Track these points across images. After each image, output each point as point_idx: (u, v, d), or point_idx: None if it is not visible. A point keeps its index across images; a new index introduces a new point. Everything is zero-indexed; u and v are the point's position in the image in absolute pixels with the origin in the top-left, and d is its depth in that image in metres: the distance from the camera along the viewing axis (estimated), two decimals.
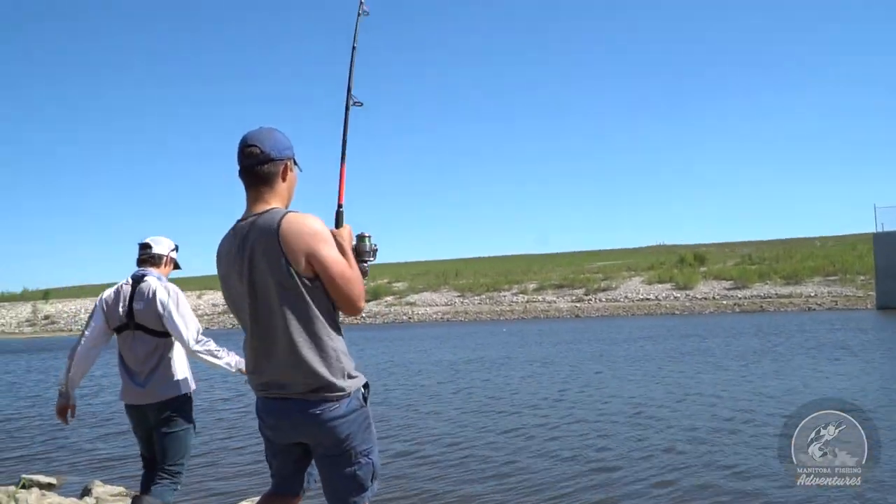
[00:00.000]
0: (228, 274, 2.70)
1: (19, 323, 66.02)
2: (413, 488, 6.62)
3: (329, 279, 2.57)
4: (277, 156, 2.68)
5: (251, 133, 2.69)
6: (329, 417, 2.58)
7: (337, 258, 2.58)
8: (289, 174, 2.75)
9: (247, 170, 2.69)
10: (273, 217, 2.60)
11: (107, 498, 6.37)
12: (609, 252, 76.45)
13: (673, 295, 49.79)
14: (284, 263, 2.53)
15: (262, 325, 2.61)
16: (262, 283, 2.58)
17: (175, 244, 4.71)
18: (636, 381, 13.34)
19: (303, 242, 2.53)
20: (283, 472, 2.84)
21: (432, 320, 48.65)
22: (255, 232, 2.60)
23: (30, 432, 10.38)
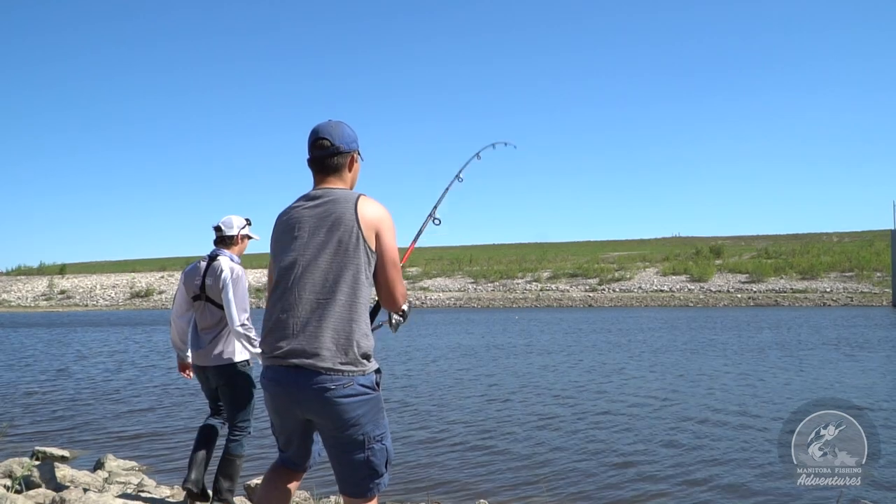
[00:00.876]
0: (287, 235, 2.77)
1: (35, 297, 66.73)
2: (437, 477, 6.62)
3: (384, 262, 2.73)
4: (346, 148, 2.87)
5: (322, 126, 2.88)
6: (341, 395, 2.58)
7: (395, 248, 2.76)
8: (355, 165, 2.94)
9: (317, 160, 2.86)
10: (351, 193, 2.79)
11: (119, 472, 6.48)
12: (624, 242, 76.20)
13: (687, 287, 49.65)
14: (357, 231, 2.66)
15: (307, 288, 2.65)
16: (327, 245, 2.67)
17: (245, 220, 5.02)
18: (658, 374, 13.36)
19: (376, 219, 2.71)
20: (291, 445, 2.86)
21: (445, 306, 48.75)
22: (332, 198, 2.75)
23: (45, 406, 10.56)
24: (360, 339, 2.65)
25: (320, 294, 2.64)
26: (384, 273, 2.74)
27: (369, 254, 2.69)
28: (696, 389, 11.30)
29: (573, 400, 10.55)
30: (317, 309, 2.63)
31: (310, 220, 2.74)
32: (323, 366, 2.57)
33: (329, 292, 2.64)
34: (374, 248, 2.70)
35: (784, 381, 11.90)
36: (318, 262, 2.67)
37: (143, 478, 6.28)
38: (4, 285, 72.26)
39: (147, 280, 68.12)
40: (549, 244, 74.64)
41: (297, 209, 2.81)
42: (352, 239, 2.66)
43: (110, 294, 65.14)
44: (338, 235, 2.67)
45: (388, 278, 2.75)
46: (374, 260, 2.71)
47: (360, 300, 2.68)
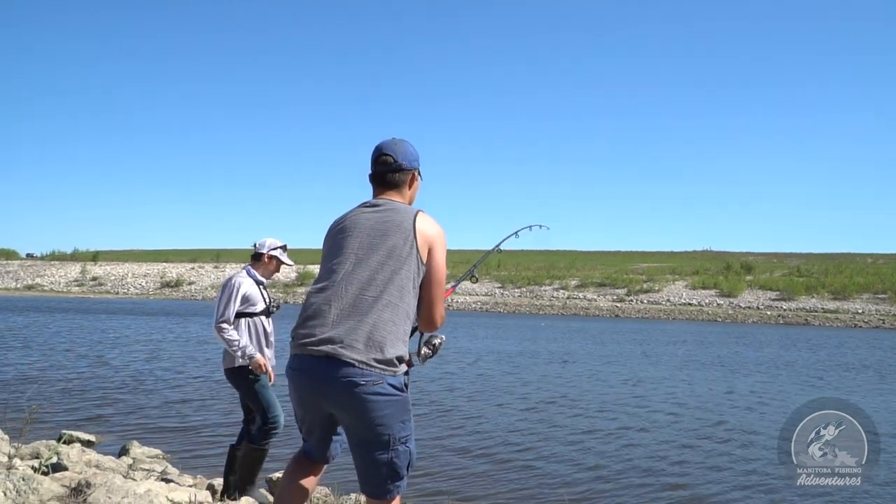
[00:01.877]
0: (342, 234, 2.84)
1: (68, 283, 67.81)
2: (459, 483, 6.60)
3: (431, 279, 2.79)
4: (408, 166, 2.95)
5: (385, 143, 2.96)
6: (369, 391, 2.56)
7: (444, 266, 2.83)
8: (415, 183, 3.03)
9: (379, 175, 2.95)
10: (409, 207, 2.88)
11: (143, 458, 6.55)
12: (654, 254, 75.58)
13: (716, 302, 49.06)
14: (412, 240, 2.72)
15: (354, 283, 2.68)
16: (383, 246, 2.72)
17: (280, 244, 5.12)
18: (702, 390, 13.21)
19: (432, 235, 2.79)
20: (311, 436, 2.86)
21: (471, 310, 48.66)
22: (393, 207, 2.84)
23: (75, 391, 10.71)
24: (398, 342, 2.65)
25: (367, 291, 2.66)
26: (429, 289, 2.80)
27: (420, 265, 2.75)
28: (744, 410, 11.14)
29: (606, 414, 10.35)
30: (361, 304, 2.64)
31: (368, 223, 2.81)
32: (356, 357, 2.56)
33: (376, 291, 2.66)
34: (425, 261, 2.76)
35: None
36: (369, 261, 2.71)
37: (166, 466, 6.35)
38: (38, 270, 73.56)
39: (178, 271, 68.88)
40: (577, 252, 74.27)
41: (356, 214, 2.89)
42: (406, 246, 2.72)
43: (141, 283, 65.99)
44: (394, 240, 2.73)
45: (432, 295, 2.81)
46: (423, 272, 2.77)
47: (404, 306, 2.70)
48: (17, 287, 65.95)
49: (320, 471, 2.97)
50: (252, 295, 4.84)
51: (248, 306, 4.82)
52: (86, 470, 5.09)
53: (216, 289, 61.11)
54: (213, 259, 74.85)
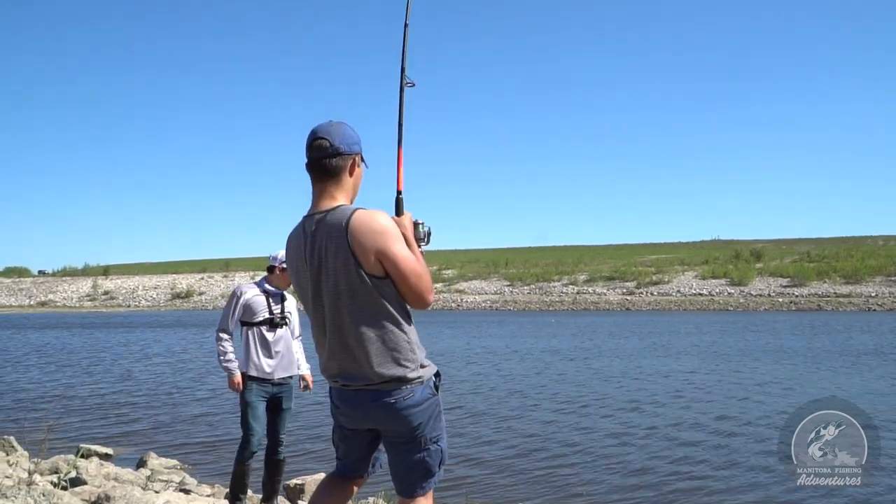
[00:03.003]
0: (299, 269, 2.70)
1: (80, 297, 68.13)
2: (478, 478, 6.65)
3: (400, 276, 2.54)
4: (346, 150, 2.64)
5: (321, 126, 2.67)
6: (403, 406, 2.57)
7: (406, 254, 2.55)
8: (356, 169, 2.71)
9: (315, 162, 2.64)
10: (341, 215, 2.57)
11: (161, 469, 6.60)
12: (662, 245, 75.31)
13: (727, 291, 48.88)
14: (353, 263, 2.51)
15: (333, 321, 2.60)
16: (332, 281, 2.57)
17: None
18: (732, 381, 13.21)
19: (371, 241, 2.50)
20: (351, 455, 2.84)
21: (481, 308, 48.63)
22: (324, 230, 2.59)
23: (91, 405, 10.79)
24: (407, 356, 2.60)
25: (349, 331, 2.58)
26: (405, 285, 2.56)
27: (379, 281, 2.54)
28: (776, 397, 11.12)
29: (629, 414, 10.24)
30: (352, 344, 2.58)
31: (310, 253, 2.63)
32: (383, 387, 2.57)
33: (357, 327, 2.56)
34: (382, 274, 2.54)
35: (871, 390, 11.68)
36: (332, 304, 2.59)
37: (184, 476, 6.39)
38: (51, 286, 73.94)
39: (188, 281, 69.12)
40: (585, 247, 74.13)
41: (297, 244, 2.70)
42: (356, 278, 2.53)
43: (152, 295, 66.25)
44: (341, 277, 2.55)
45: (410, 287, 2.57)
46: (386, 279, 2.55)
47: (391, 322, 2.58)
48: (31, 304, 66.32)
49: (357, 487, 2.95)
50: (254, 305, 4.85)
51: (249, 316, 4.85)
52: (104, 483, 5.14)
53: (226, 298, 61.13)
54: (223, 268, 75.10)
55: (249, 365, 4.83)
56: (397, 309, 2.60)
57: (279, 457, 4.93)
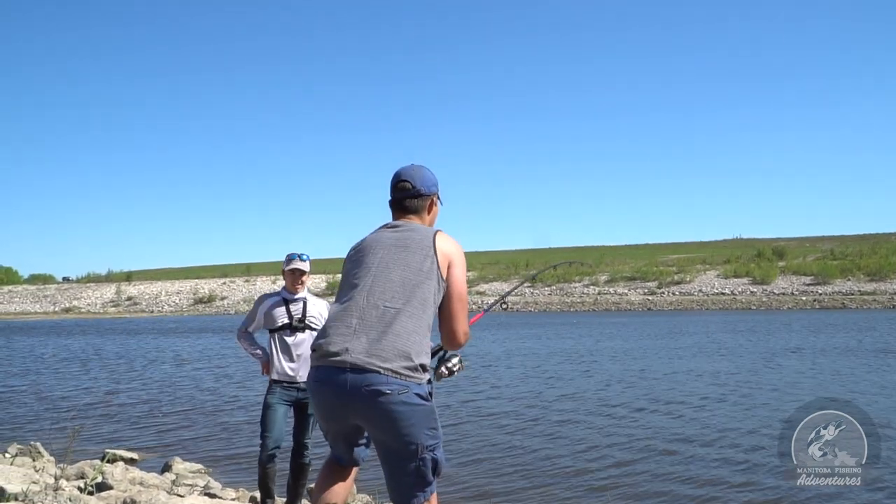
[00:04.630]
0: (363, 252, 2.88)
1: (104, 303, 68.80)
2: (499, 486, 6.57)
3: (452, 293, 2.81)
4: (426, 192, 2.99)
5: (404, 169, 3.01)
6: (395, 401, 2.57)
7: (464, 283, 2.86)
8: (434, 208, 3.07)
9: (398, 201, 2.99)
10: (430, 227, 2.96)
11: (185, 474, 6.63)
12: (683, 245, 74.83)
13: (749, 290, 48.48)
14: (433, 256, 2.76)
15: (377, 295, 2.71)
16: (404, 263, 2.76)
17: (295, 254, 5.14)
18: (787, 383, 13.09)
19: (451, 252, 2.83)
20: (336, 445, 2.90)
21: (501, 310, 48.46)
22: (412, 227, 2.89)
23: (113, 409, 10.88)
24: (421, 352, 2.67)
25: (389, 303, 2.69)
26: (450, 305, 2.81)
27: (440, 281, 2.77)
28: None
29: (661, 422, 10.06)
30: (384, 315, 2.66)
31: (388, 241, 2.86)
32: (381, 365, 2.57)
33: (398, 303, 2.69)
34: (445, 277, 2.78)
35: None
36: (391, 275, 2.75)
37: (209, 480, 6.40)
38: (75, 292, 74.78)
39: (210, 286, 69.60)
40: (606, 247, 73.83)
41: (375, 234, 2.94)
42: (426, 262, 2.76)
43: (175, 300, 66.80)
44: (414, 256, 2.77)
45: (453, 311, 2.81)
46: (443, 288, 2.79)
47: (426, 319, 2.73)
48: (56, 310, 67.08)
49: (351, 474, 3.00)
50: (274, 312, 4.95)
51: (271, 323, 4.96)
52: (130, 488, 5.16)
53: (248, 302, 62.11)
54: (244, 273, 75.61)
55: (273, 369, 4.91)
56: (432, 317, 2.79)
57: (304, 460, 4.95)
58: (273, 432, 4.78)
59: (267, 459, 4.77)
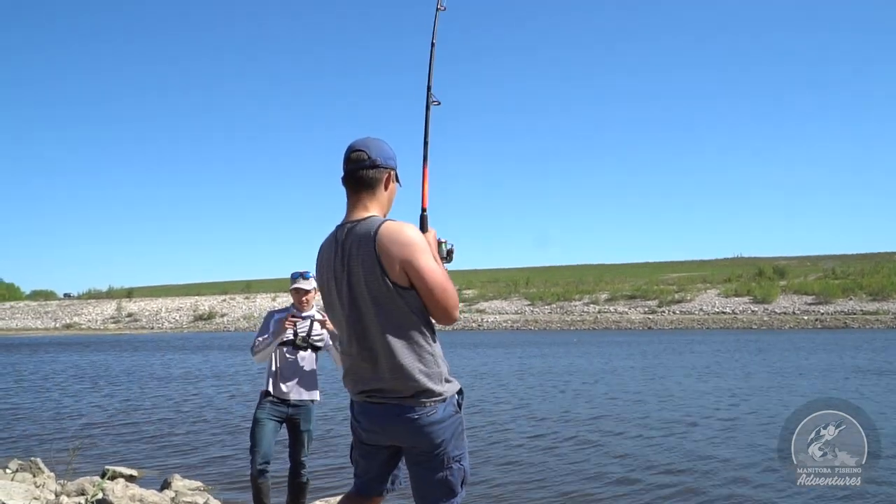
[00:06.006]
0: (328, 280, 2.73)
1: (104, 320, 68.79)
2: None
3: (426, 289, 2.57)
4: (382, 163, 2.71)
5: (359, 140, 2.75)
6: (426, 422, 2.58)
7: (433, 267, 2.58)
8: (391, 184, 2.77)
9: (351, 174, 2.72)
10: (371, 224, 2.61)
11: (185, 492, 6.61)
12: (683, 263, 74.92)
13: (750, 309, 48.44)
14: (380, 273, 2.54)
15: (361, 332, 2.63)
16: (359, 291, 2.60)
17: (298, 272, 5.11)
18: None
19: (398, 251, 2.53)
20: (370, 473, 2.83)
21: (501, 328, 48.49)
22: (353, 239, 2.63)
23: (113, 426, 10.87)
24: (432, 369, 2.62)
25: (375, 341, 2.60)
26: (430, 298, 2.59)
27: (404, 293, 2.57)
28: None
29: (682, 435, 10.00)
30: (378, 355, 2.60)
31: (339, 270, 2.67)
32: (407, 401, 2.59)
33: (383, 338, 2.59)
34: (407, 285, 2.56)
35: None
36: (359, 314, 2.63)
37: (208, 498, 6.38)
38: (76, 308, 74.80)
39: (210, 303, 69.59)
40: (605, 266, 73.87)
41: (328, 253, 2.75)
42: (382, 287, 2.56)
43: (175, 317, 66.77)
44: (369, 286, 2.58)
45: (436, 301, 2.59)
46: (412, 290, 2.57)
47: (416, 334, 2.61)
48: (56, 326, 67.06)
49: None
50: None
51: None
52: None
53: (248, 319, 62.18)
54: (244, 290, 75.63)
55: (268, 381, 4.89)
56: (423, 322, 2.63)
57: (301, 479, 4.93)
58: (262, 447, 4.75)
59: (258, 474, 4.74)
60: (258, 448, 4.75)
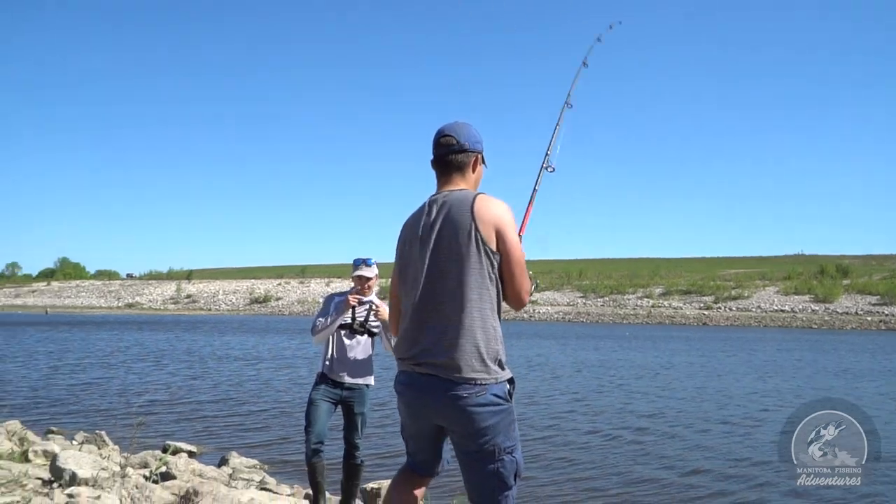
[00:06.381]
0: (411, 240, 2.76)
1: (164, 300, 70.66)
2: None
3: (510, 262, 2.64)
4: (470, 147, 2.79)
5: (447, 125, 2.83)
6: (472, 403, 2.55)
7: (519, 244, 2.66)
8: (478, 167, 2.86)
9: (440, 158, 2.80)
10: (467, 193, 2.71)
11: (242, 468, 6.80)
12: (742, 259, 73.34)
13: (811, 308, 47.16)
14: (475, 232, 2.60)
15: (433, 295, 2.64)
16: (445, 248, 2.64)
17: (361, 258, 5.14)
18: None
19: (493, 217, 2.62)
20: (420, 454, 2.86)
21: (553, 320, 48.20)
22: (448, 201, 2.70)
23: (172, 403, 11.23)
24: (490, 345, 2.60)
25: (447, 302, 2.61)
26: (510, 271, 2.65)
27: (491, 255, 2.61)
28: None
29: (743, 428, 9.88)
30: (444, 317, 2.60)
31: (428, 228, 2.71)
32: (455, 375, 2.56)
33: (455, 299, 2.60)
34: (495, 249, 2.62)
35: None
36: (440, 271, 2.64)
37: (264, 475, 6.56)
38: (138, 289, 77.04)
39: (265, 287, 70.83)
40: (661, 259, 72.79)
41: (418, 218, 2.79)
42: (471, 245, 2.60)
43: (231, 299, 68.19)
44: (458, 241, 2.62)
45: (514, 275, 2.66)
46: (496, 261, 2.63)
47: (488, 304, 2.62)
48: (119, 305, 69.22)
49: (426, 484, 2.96)
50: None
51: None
52: (192, 479, 5.34)
53: (302, 304, 63.12)
54: (299, 275, 76.77)
55: (324, 365, 4.97)
56: (495, 297, 2.65)
57: (356, 461, 5.00)
58: (315, 427, 4.82)
59: (311, 454, 4.81)
60: (312, 428, 4.84)
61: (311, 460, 4.83)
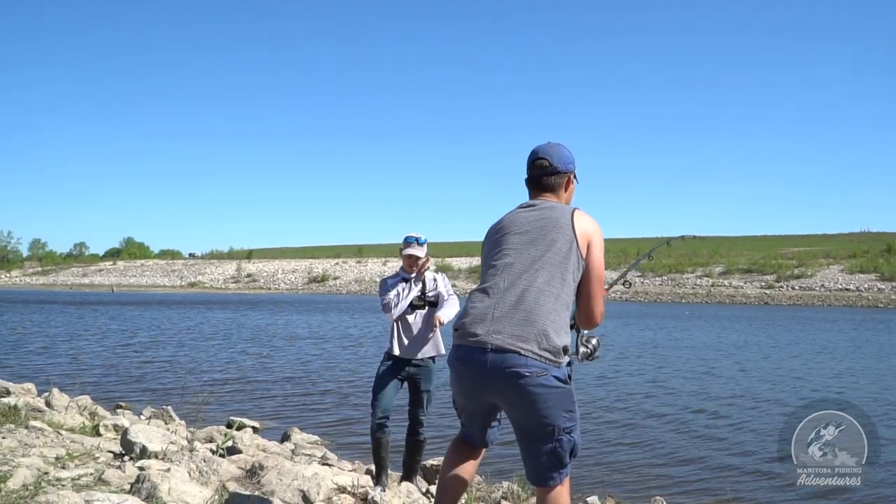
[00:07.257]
0: (501, 234, 2.89)
1: (225, 279, 72.26)
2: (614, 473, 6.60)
3: (591, 274, 2.79)
4: (563, 169, 2.96)
5: (542, 147, 2.99)
6: (534, 383, 2.58)
7: (603, 263, 2.81)
8: (570, 185, 3.02)
9: (534, 179, 2.98)
10: (567, 206, 2.91)
11: (304, 444, 6.95)
12: (805, 237, 71.36)
13: (877, 286, 45.65)
14: (571, 235, 2.74)
15: (517, 277, 2.72)
16: (541, 242, 2.76)
17: (413, 235, 5.13)
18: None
19: (590, 231, 2.79)
20: (473, 426, 2.93)
21: (609, 299, 47.32)
22: (549, 205, 2.87)
23: (234, 379, 11.52)
24: (561, 333, 2.66)
25: (530, 284, 2.69)
26: (589, 284, 2.79)
27: (580, 260, 2.74)
28: None
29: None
30: (524, 298, 2.67)
31: (526, 220, 2.85)
32: (522, 346, 2.59)
33: (539, 284, 2.68)
34: (584, 256, 2.76)
35: None
36: (529, 255, 2.75)
37: (325, 451, 6.68)
38: (199, 268, 78.99)
39: (323, 266, 71.82)
40: (721, 238, 71.27)
41: (513, 214, 2.93)
42: (565, 242, 2.73)
43: (290, 279, 69.37)
44: (553, 235, 2.75)
45: (592, 291, 2.80)
46: (582, 267, 2.76)
47: (565, 298, 2.71)
48: (182, 284, 71.06)
49: (480, 455, 3.03)
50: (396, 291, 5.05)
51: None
52: (257, 453, 5.48)
53: (359, 283, 63.92)
54: (356, 254, 77.62)
55: (391, 342, 5.02)
56: (571, 294, 2.77)
57: (419, 437, 5.05)
58: (382, 402, 4.87)
59: (376, 428, 4.87)
60: (378, 402, 4.90)
61: (375, 434, 4.90)
